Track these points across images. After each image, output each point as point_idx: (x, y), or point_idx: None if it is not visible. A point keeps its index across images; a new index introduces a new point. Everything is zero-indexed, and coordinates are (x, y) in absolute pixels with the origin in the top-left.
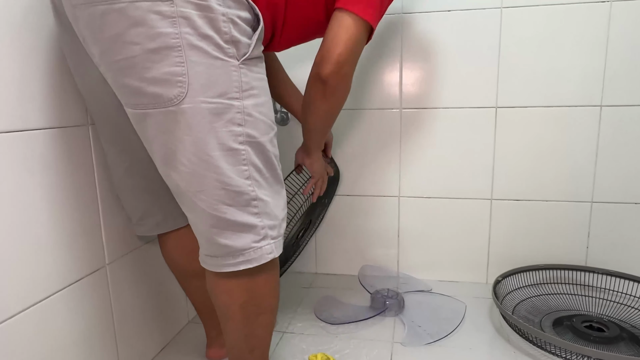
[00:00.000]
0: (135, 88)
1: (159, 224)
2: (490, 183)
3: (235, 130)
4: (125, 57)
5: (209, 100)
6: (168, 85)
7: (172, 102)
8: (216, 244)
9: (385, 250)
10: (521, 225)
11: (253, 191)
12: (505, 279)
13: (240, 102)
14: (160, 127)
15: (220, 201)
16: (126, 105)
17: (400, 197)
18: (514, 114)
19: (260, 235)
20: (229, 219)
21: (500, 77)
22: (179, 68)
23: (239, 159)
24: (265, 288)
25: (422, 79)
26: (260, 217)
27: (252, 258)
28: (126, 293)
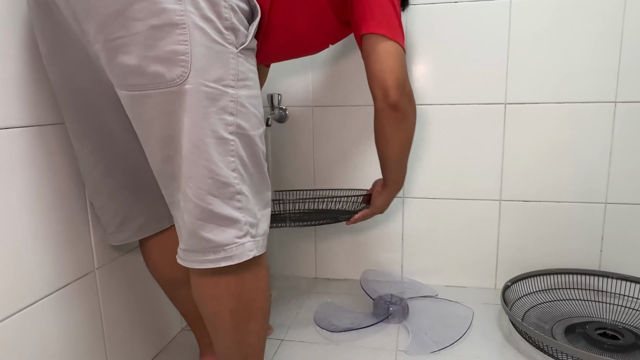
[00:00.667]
0: (135, 67)
1: (142, 227)
2: (498, 183)
3: (226, 119)
4: (127, 34)
5: (207, 83)
6: (170, 64)
7: (175, 82)
8: (198, 237)
9: (389, 254)
10: (531, 227)
11: (238, 184)
12: (515, 284)
13: (235, 90)
14: (161, 109)
15: (207, 191)
16: (121, 87)
17: (405, 198)
18: (524, 110)
19: (243, 231)
20: (214, 211)
21: (510, 71)
22: (182, 47)
23: (227, 149)
24: (254, 292)
25: (427, 73)
26: (243, 212)
27: (233, 254)
28: (116, 299)
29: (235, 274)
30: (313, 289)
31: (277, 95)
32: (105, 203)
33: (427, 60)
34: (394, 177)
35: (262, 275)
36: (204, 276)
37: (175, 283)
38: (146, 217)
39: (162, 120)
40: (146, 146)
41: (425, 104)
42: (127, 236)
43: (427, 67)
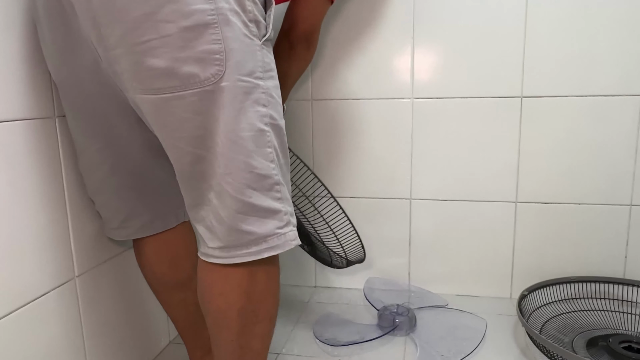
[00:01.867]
0: (165, 69)
1: (145, 225)
2: (514, 183)
3: (261, 111)
4: (157, 37)
5: (242, 78)
6: (205, 63)
7: (210, 80)
8: (239, 231)
9: (395, 260)
10: (550, 231)
11: (276, 175)
12: (532, 294)
13: (264, 82)
14: (194, 109)
15: (246, 185)
16: (145, 92)
17: (412, 200)
18: (542, 104)
19: (284, 221)
20: (254, 204)
21: (527, 62)
22: (216, 46)
23: (265, 140)
24: (265, 292)
25: (437, 63)
26: (283, 202)
27: (275, 245)
28: (98, 309)
29: (249, 271)
30: (312, 299)
31: None
32: (109, 200)
33: (436, 49)
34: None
35: (274, 275)
36: (214, 271)
37: (171, 285)
38: (151, 215)
39: (195, 121)
40: (173, 149)
41: (433, 97)
42: (130, 232)
43: (436, 56)
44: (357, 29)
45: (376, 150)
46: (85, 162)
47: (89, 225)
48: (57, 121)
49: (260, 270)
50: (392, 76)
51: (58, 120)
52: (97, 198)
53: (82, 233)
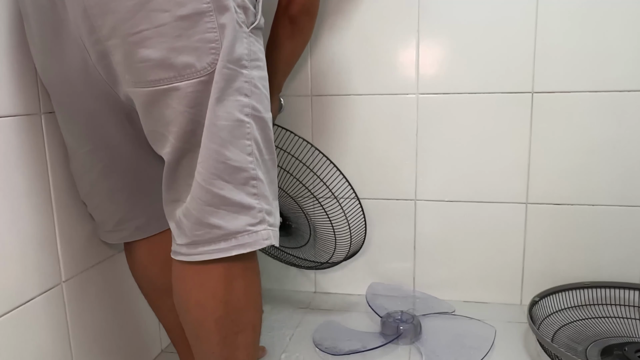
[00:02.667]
0: (160, 60)
1: (140, 227)
2: (525, 184)
3: (242, 101)
4: (150, 27)
5: (227, 65)
6: (200, 53)
7: (206, 70)
8: (207, 224)
9: (399, 264)
10: (563, 234)
11: (253, 169)
12: (544, 300)
13: (248, 71)
14: (188, 102)
15: (217, 175)
16: (139, 84)
17: (417, 201)
18: (554, 100)
19: (257, 218)
20: (225, 197)
21: (538, 55)
22: (212, 34)
23: (243, 132)
24: (244, 300)
25: (444, 57)
26: (258, 198)
27: (245, 242)
28: (87, 316)
29: (224, 278)
30: (312, 305)
31: None
32: (102, 203)
33: (442, 42)
34: (281, 82)
35: (254, 282)
36: (187, 278)
37: (163, 290)
38: (146, 217)
39: (188, 114)
40: (161, 143)
41: (439, 92)
42: (126, 235)
43: (442, 49)
44: (358, 20)
45: (379, 148)
46: (76, 165)
47: (77, 227)
48: (43, 118)
49: (237, 276)
50: (396, 71)
51: (44, 117)
52: (90, 201)
53: (70, 235)
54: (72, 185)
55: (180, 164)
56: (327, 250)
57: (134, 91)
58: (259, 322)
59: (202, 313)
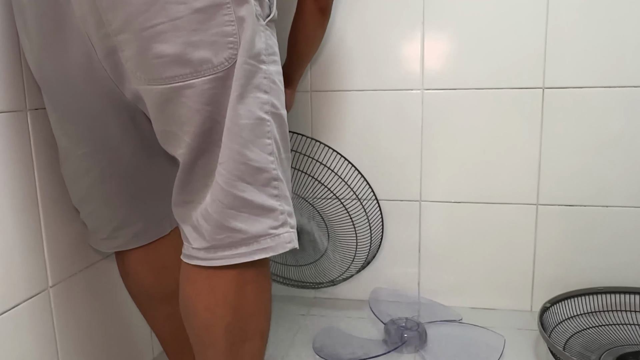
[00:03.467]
0: (176, 56)
1: (138, 234)
2: (535, 184)
3: (262, 98)
4: (166, 20)
5: (248, 60)
6: (218, 47)
7: (223, 65)
8: (229, 228)
9: (403, 269)
10: (575, 237)
11: (275, 169)
12: (555, 306)
13: (267, 66)
14: (205, 99)
15: (239, 177)
16: (152, 82)
17: (422, 202)
18: (566, 96)
19: (279, 220)
20: (247, 199)
21: (549, 49)
22: (229, 27)
23: (264, 130)
24: (255, 306)
25: (450, 51)
26: (280, 200)
27: (268, 246)
28: (74, 323)
29: (236, 282)
30: (312, 310)
31: None
32: (98, 209)
33: (448, 34)
34: (302, 71)
35: (265, 288)
36: (198, 281)
37: (157, 297)
38: (144, 223)
39: (205, 113)
40: (175, 143)
41: (445, 88)
42: (121, 243)
43: (448, 42)
44: (360, 11)
45: (382, 147)
46: (70, 168)
47: (65, 230)
48: (29, 115)
49: (249, 281)
50: (399, 65)
51: (30, 113)
52: (84, 207)
53: (57, 239)
54: (59, 187)
55: (197, 164)
56: (346, 258)
57: (146, 89)
58: (267, 330)
59: (211, 318)
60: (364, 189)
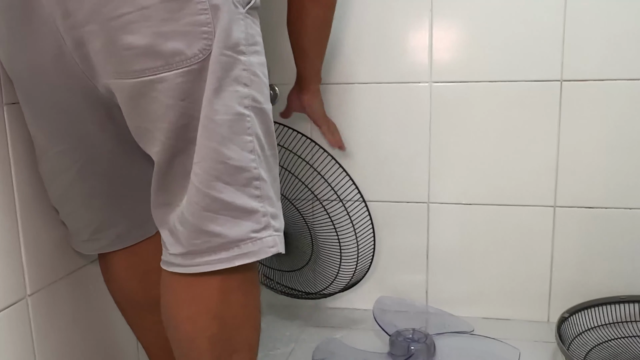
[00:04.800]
0: (146, 47)
1: (121, 235)
2: (553, 184)
3: (241, 91)
4: (134, 9)
5: (224, 52)
6: (191, 38)
7: (197, 57)
8: (207, 232)
9: (410, 276)
10: (596, 241)
11: (256, 168)
12: (574, 316)
13: (247, 57)
14: (178, 93)
15: (217, 177)
16: (122, 75)
17: (430, 204)
18: (586, 89)
19: (261, 223)
20: (226, 201)
21: (568, 38)
22: (203, 16)
23: (244, 126)
24: (241, 316)
25: (460, 40)
26: (262, 201)
27: (250, 251)
28: (54, 334)
29: (220, 290)
30: (312, 321)
31: None
32: (77, 209)
33: (458, 23)
34: (317, 65)
35: (253, 295)
36: (179, 290)
37: (142, 305)
38: (127, 224)
39: (179, 108)
40: (149, 141)
41: (455, 81)
42: (104, 245)
43: (458, 31)
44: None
45: (387, 144)
46: (47, 167)
47: (45, 234)
48: (5, 110)
49: (233, 289)
50: (405, 56)
51: (7, 108)
52: (63, 207)
53: (36, 243)
54: (38, 187)
55: (173, 163)
56: (330, 272)
57: (115, 83)
58: (256, 341)
59: (194, 329)
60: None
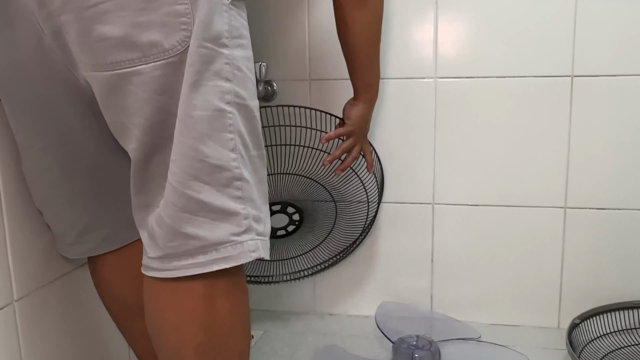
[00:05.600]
0: (121, 38)
1: (108, 238)
2: (563, 184)
3: (222, 86)
4: None
5: (204, 44)
6: (169, 29)
7: (175, 49)
8: (183, 235)
9: (414, 281)
10: (609, 244)
11: (237, 168)
12: (586, 322)
13: (230, 51)
14: (156, 87)
15: (194, 176)
16: (97, 68)
17: (435, 205)
18: (598, 85)
19: (242, 226)
20: (204, 201)
21: (579, 32)
22: (181, 6)
23: (225, 123)
24: (229, 324)
25: (467, 34)
26: (244, 202)
27: (229, 255)
28: (42, 341)
29: (205, 297)
30: (311, 328)
31: (261, 65)
32: (61, 210)
33: (465, 16)
34: (365, 77)
35: (240, 301)
36: (161, 296)
37: (134, 310)
38: (114, 226)
39: (156, 103)
40: (126, 137)
41: (461, 76)
42: (90, 248)
43: (465, 24)
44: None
45: (390, 142)
46: (29, 165)
47: (33, 236)
48: None
49: (219, 294)
50: (409, 50)
51: None
52: (47, 208)
53: (24, 247)
54: (25, 189)
55: (151, 162)
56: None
57: (91, 75)
58: (246, 349)
59: (179, 339)
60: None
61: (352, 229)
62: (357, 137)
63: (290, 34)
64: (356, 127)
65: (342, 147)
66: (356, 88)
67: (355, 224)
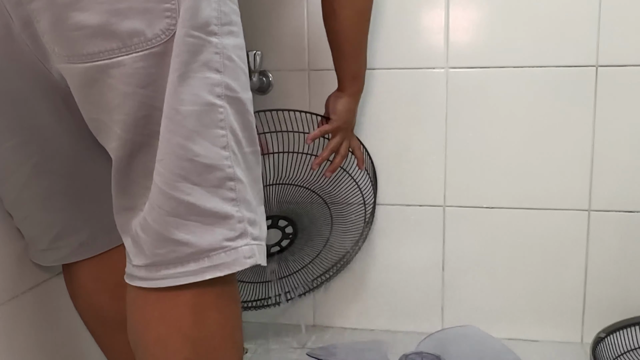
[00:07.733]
0: (98, 26)
1: (85, 244)
2: (587, 185)
3: (212, 78)
4: None
5: (191, 32)
6: (151, 16)
7: (159, 38)
8: (170, 240)
9: (422, 291)
10: (636, 251)
11: (230, 167)
12: (612, 336)
13: (219, 39)
14: (138, 80)
15: (183, 177)
16: (72, 59)
17: (446, 207)
18: (626, 76)
19: (237, 230)
20: (194, 204)
21: (604, 18)
22: None
23: (215, 118)
24: (219, 337)
25: (481, 20)
26: (238, 204)
27: (222, 263)
28: (15, 355)
29: (193, 308)
30: (310, 343)
31: (255, 54)
32: (33, 213)
33: (481, 2)
34: (352, 67)
35: (232, 312)
36: (147, 308)
37: (113, 323)
38: (92, 230)
39: (138, 97)
40: (106, 135)
41: (475, 66)
42: (65, 254)
43: (478, 10)
44: None
45: (397, 139)
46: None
47: (5, 243)
48: None
49: (209, 305)
50: (418, 38)
51: None
52: (17, 211)
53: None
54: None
55: (134, 161)
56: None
57: (66, 68)
58: None
59: (164, 352)
60: None
61: (350, 233)
62: (344, 133)
63: (286, 19)
64: (342, 122)
65: (330, 147)
66: (342, 79)
67: (353, 227)
